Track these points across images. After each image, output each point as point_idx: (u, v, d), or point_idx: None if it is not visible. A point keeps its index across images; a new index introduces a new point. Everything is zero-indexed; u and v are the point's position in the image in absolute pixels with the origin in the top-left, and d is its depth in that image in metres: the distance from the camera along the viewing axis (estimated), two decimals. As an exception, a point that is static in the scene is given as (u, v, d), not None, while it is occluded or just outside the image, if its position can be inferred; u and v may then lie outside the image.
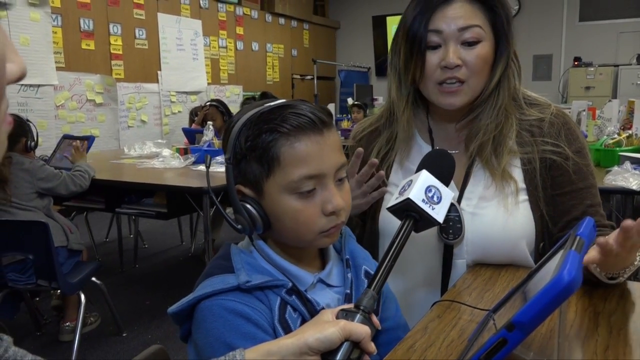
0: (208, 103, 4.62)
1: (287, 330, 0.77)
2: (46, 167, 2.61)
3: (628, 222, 0.79)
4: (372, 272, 0.89)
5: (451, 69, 1.05)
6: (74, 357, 2.39)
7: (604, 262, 0.87)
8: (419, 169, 0.86)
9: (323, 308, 0.80)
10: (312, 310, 0.79)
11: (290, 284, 0.79)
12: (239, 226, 0.79)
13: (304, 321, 0.79)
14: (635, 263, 0.91)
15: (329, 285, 0.86)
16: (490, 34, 1.08)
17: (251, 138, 0.77)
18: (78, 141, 3.03)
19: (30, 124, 2.68)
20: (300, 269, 0.83)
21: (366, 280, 0.88)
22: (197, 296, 0.76)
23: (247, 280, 0.75)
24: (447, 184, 0.86)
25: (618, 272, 0.91)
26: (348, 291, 0.86)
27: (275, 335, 0.76)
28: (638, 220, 0.80)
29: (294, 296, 0.79)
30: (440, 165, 0.88)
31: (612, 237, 0.83)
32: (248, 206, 0.78)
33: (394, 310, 0.95)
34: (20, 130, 2.62)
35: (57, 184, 2.58)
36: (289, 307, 0.78)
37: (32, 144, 2.66)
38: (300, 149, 0.76)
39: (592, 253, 0.87)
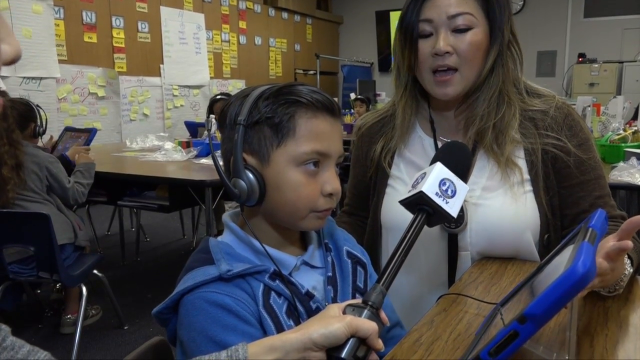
0: (218, 96, 4.40)
1: (273, 315, 0.76)
2: (59, 165, 2.59)
3: (622, 244, 0.79)
4: (355, 253, 0.91)
5: (441, 55, 1.05)
6: (75, 350, 2.38)
7: (601, 281, 0.85)
8: (433, 162, 0.84)
9: (308, 290, 0.80)
10: (297, 293, 0.79)
11: (272, 269, 0.78)
12: (236, 190, 0.78)
13: (289, 305, 0.78)
14: (627, 270, 0.90)
15: (312, 267, 0.86)
16: (483, 20, 1.07)
17: (270, 106, 0.78)
18: (83, 146, 3.01)
19: (40, 110, 2.70)
20: (282, 252, 0.83)
21: (349, 261, 0.89)
22: (179, 291, 0.76)
23: (228, 270, 0.75)
24: (463, 178, 0.83)
25: (614, 285, 0.89)
26: (330, 274, 0.86)
27: (261, 324, 0.75)
28: (624, 231, 0.80)
29: (277, 281, 0.78)
30: (455, 158, 0.86)
31: (601, 261, 0.81)
32: (249, 174, 0.78)
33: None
34: (30, 115, 2.63)
35: (62, 180, 2.54)
36: (272, 293, 0.78)
37: (41, 130, 2.69)
38: (316, 124, 0.79)
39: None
